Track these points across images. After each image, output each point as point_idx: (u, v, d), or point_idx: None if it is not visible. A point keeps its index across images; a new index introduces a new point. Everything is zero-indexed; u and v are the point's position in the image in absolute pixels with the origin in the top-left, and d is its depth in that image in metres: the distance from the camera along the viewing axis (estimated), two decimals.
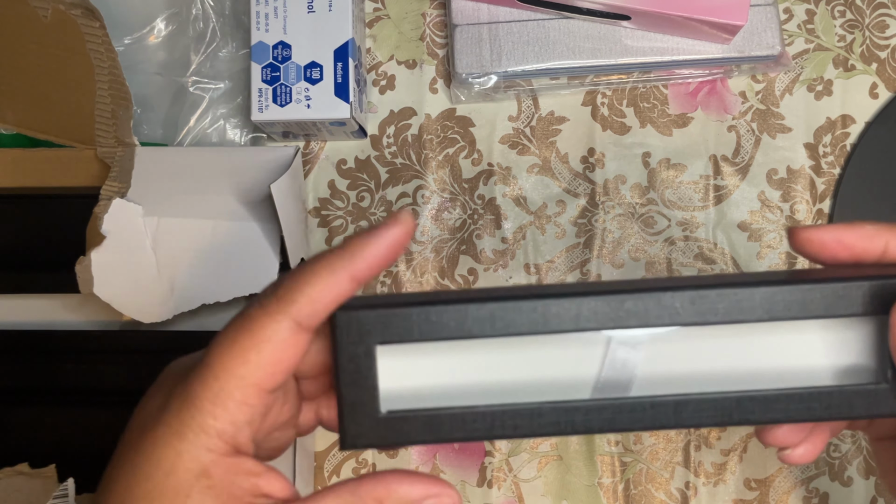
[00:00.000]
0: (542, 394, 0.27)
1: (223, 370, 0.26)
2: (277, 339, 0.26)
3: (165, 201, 0.49)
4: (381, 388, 0.27)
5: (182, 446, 0.26)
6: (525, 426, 0.27)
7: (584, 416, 0.27)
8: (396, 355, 0.27)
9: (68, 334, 0.50)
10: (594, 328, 0.26)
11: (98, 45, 0.47)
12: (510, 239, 0.54)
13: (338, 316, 0.26)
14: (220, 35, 0.56)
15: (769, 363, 0.27)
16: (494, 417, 0.27)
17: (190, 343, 0.49)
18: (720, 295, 0.26)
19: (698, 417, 0.27)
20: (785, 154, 0.54)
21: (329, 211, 0.55)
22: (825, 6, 0.55)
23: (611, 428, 0.27)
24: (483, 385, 0.27)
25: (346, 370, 0.26)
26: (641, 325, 0.26)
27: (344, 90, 0.50)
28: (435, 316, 0.26)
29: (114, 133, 0.49)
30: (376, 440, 0.27)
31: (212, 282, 0.48)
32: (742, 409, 0.27)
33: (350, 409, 0.27)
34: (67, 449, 0.48)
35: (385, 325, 0.26)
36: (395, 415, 0.27)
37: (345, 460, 0.53)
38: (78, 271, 0.45)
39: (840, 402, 0.27)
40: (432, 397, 0.27)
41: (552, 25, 0.53)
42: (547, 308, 0.26)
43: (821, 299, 0.26)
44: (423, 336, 0.26)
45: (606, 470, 0.52)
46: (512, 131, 0.55)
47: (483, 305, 0.26)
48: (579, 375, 0.27)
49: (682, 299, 0.26)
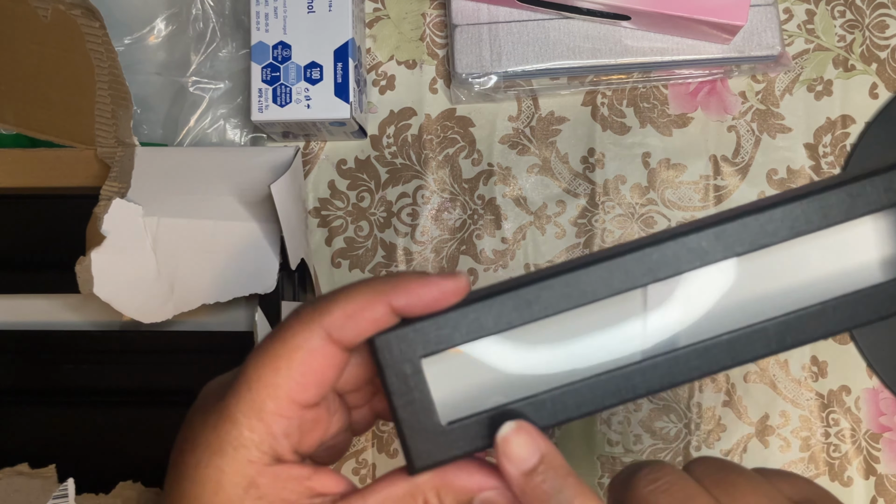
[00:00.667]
0: (595, 368, 0.27)
1: (256, 380, 0.26)
2: (308, 347, 0.26)
3: (165, 201, 0.49)
4: (437, 401, 0.26)
5: (224, 462, 0.26)
6: (587, 403, 0.26)
7: (641, 377, 0.26)
8: (444, 364, 0.27)
9: (68, 334, 0.50)
10: (630, 287, 0.26)
11: (98, 45, 0.47)
12: (510, 239, 0.54)
13: (376, 339, 0.26)
14: (220, 35, 0.56)
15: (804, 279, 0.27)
16: (555, 402, 0.26)
17: (190, 343, 0.49)
18: (743, 225, 0.26)
19: (753, 350, 0.26)
20: (785, 154, 0.54)
21: (329, 211, 0.55)
22: (825, 6, 0.55)
23: (671, 382, 0.26)
24: (535, 372, 0.27)
25: (397, 392, 0.26)
26: (674, 272, 0.26)
27: (344, 90, 0.50)
28: (473, 315, 0.26)
29: (114, 133, 0.49)
30: (443, 454, 0.26)
31: (212, 282, 0.47)
32: (793, 330, 0.26)
33: (410, 430, 0.26)
34: (67, 449, 0.48)
35: (425, 337, 0.26)
36: (456, 424, 0.26)
37: (345, 460, 0.53)
38: (78, 271, 0.45)
39: (885, 300, 0.26)
40: (489, 396, 0.27)
41: (552, 25, 0.53)
42: (578, 279, 0.26)
43: (839, 204, 0.26)
44: (465, 338, 0.26)
45: (606, 470, 0.52)
46: (512, 131, 0.55)
47: (516, 293, 0.26)
48: (627, 340, 0.27)
49: (706, 238, 0.26)
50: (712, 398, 0.52)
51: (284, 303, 0.48)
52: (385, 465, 0.53)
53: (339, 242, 0.55)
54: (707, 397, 0.52)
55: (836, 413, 0.52)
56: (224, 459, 0.26)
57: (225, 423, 0.26)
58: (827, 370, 0.53)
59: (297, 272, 0.50)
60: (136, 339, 0.49)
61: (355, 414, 0.31)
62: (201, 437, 0.26)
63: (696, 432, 0.52)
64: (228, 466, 0.26)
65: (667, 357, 0.26)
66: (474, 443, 0.26)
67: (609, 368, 0.26)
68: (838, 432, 0.52)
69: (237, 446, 0.26)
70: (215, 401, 0.27)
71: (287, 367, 0.26)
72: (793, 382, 0.53)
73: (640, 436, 0.52)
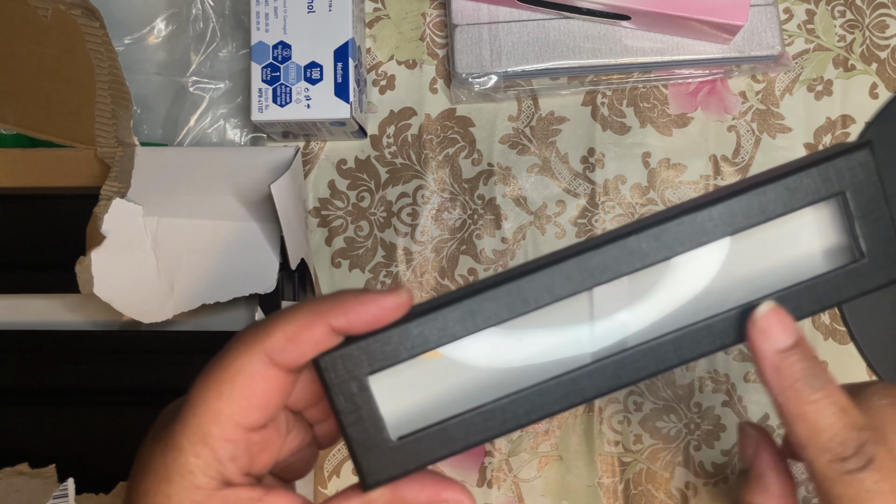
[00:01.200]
0: (545, 373, 0.27)
1: (201, 405, 0.26)
2: (249, 371, 0.26)
3: (165, 201, 0.49)
4: (386, 417, 0.26)
5: (171, 490, 0.26)
6: (536, 409, 0.26)
7: (589, 380, 0.26)
8: (391, 380, 0.27)
9: (68, 334, 0.50)
10: (571, 293, 0.26)
11: (98, 45, 0.47)
12: (510, 239, 0.54)
13: (320, 360, 0.26)
14: (220, 35, 0.56)
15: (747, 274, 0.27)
16: (504, 410, 0.26)
17: (190, 343, 0.49)
18: (681, 224, 0.26)
19: (698, 347, 0.26)
20: (785, 154, 0.54)
21: (329, 211, 0.55)
22: (825, 6, 0.55)
23: (618, 384, 0.26)
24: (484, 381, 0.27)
25: (344, 410, 0.26)
26: (615, 275, 0.26)
27: (344, 90, 0.50)
28: (416, 330, 0.26)
29: (114, 133, 0.49)
30: (396, 470, 0.26)
31: (212, 282, 0.48)
32: (738, 327, 0.26)
33: (361, 448, 0.26)
34: (67, 449, 0.48)
35: (370, 354, 0.26)
36: (407, 439, 0.26)
37: (344, 460, 0.53)
38: (78, 271, 0.45)
39: (828, 290, 0.27)
40: (438, 409, 0.27)
41: (552, 25, 0.53)
42: (520, 288, 0.26)
43: (776, 199, 0.26)
44: (410, 353, 0.26)
45: (606, 470, 0.52)
46: (512, 131, 0.55)
47: (459, 305, 0.26)
48: (574, 345, 0.27)
49: (646, 239, 0.26)
50: (712, 398, 0.52)
51: (284, 303, 0.48)
52: None
53: (339, 242, 0.55)
54: (707, 397, 0.52)
55: None
56: (172, 487, 0.26)
57: (171, 450, 0.26)
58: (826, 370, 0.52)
59: (297, 272, 0.50)
60: (136, 339, 0.49)
61: (318, 429, 0.31)
62: (149, 465, 0.27)
63: (696, 432, 0.52)
64: (176, 494, 0.26)
65: (614, 359, 0.26)
66: (426, 456, 0.26)
67: (557, 373, 0.26)
68: None
69: (184, 473, 0.26)
70: (163, 429, 0.27)
71: (230, 392, 0.26)
72: None
73: (641, 436, 0.52)
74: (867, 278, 0.27)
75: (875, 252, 0.26)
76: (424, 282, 0.54)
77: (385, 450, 0.26)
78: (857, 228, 0.26)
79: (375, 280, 0.54)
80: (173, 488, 0.26)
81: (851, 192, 0.26)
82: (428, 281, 0.54)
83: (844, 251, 0.27)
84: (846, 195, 0.26)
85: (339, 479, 0.53)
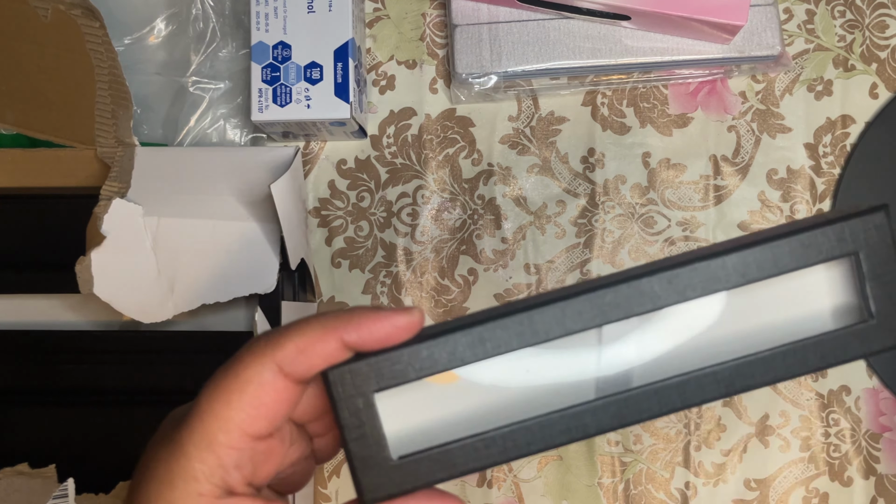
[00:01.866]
0: (547, 405, 0.27)
1: (208, 412, 0.26)
2: (259, 380, 0.26)
3: (165, 201, 0.49)
4: (388, 435, 0.27)
5: (174, 496, 0.26)
6: (538, 441, 0.27)
7: (592, 417, 0.27)
8: (397, 399, 0.27)
9: (68, 334, 0.50)
10: (582, 328, 0.26)
11: (98, 45, 0.47)
12: (510, 239, 0.54)
13: (329, 373, 0.26)
14: (220, 35, 0.56)
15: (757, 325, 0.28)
16: (506, 439, 0.27)
17: (190, 343, 0.49)
18: (694, 270, 0.26)
19: (702, 394, 0.27)
20: (785, 154, 0.54)
21: (329, 211, 0.55)
22: (825, 6, 0.55)
23: (620, 423, 0.27)
24: (488, 408, 0.27)
25: (349, 425, 0.26)
26: (625, 315, 0.26)
27: (344, 90, 0.50)
28: (426, 351, 0.26)
29: (114, 133, 0.49)
30: (394, 488, 0.27)
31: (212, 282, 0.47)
32: (742, 375, 0.27)
33: (362, 464, 0.26)
34: (67, 449, 0.48)
35: (378, 372, 0.26)
36: (407, 459, 0.27)
37: (345, 460, 0.53)
38: (78, 271, 0.45)
39: (834, 348, 0.27)
40: (441, 432, 0.27)
41: (552, 25, 0.53)
42: (532, 319, 0.26)
43: (790, 254, 0.26)
44: (419, 374, 0.26)
45: (606, 470, 0.52)
46: (512, 131, 0.55)
47: (470, 330, 0.26)
48: (579, 379, 0.27)
49: (658, 282, 0.26)
50: None
51: (284, 303, 0.48)
52: None
53: (339, 242, 0.55)
54: None
55: (836, 413, 0.52)
56: (174, 493, 0.26)
57: (176, 455, 0.26)
58: (827, 370, 0.53)
59: (297, 272, 0.50)
60: (136, 339, 0.49)
61: (318, 442, 0.31)
62: (154, 470, 0.27)
63: (696, 432, 0.52)
64: (178, 500, 0.26)
65: (618, 397, 0.27)
66: (425, 477, 0.27)
67: (561, 407, 0.27)
68: (838, 432, 0.52)
69: (187, 479, 0.26)
70: (170, 432, 0.27)
71: (238, 400, 0.26)
72: (793, 382, 0.53)
73: (641, 435, 0.52)
74: (875, 339, 0.27)
75: (884, 313, 0.27)
76: (424, 282, 0.54)
77: (385, 468, 0.26)
78: (868, 289, 0.27)
79: (375, 280, 0.54)
80: (176, 494, 0.26)
81: (865, 254, 0.26)
82: (428, 281, 0.54)
83: (854, 311, 0.27)
84: (859, 256, 0.27)
85: (338, 479, 0.53)
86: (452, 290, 0.54)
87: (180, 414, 0.28)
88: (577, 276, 0.54)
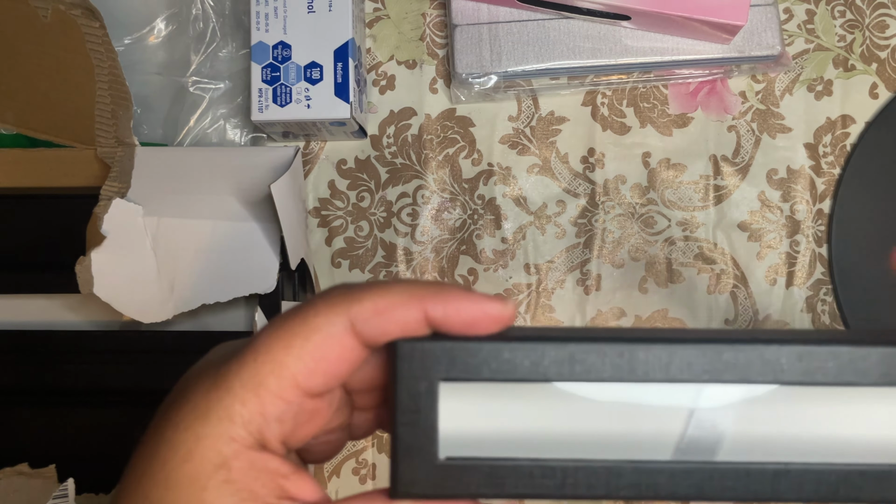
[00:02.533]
0: (617, 451, 0.24)
1: (265, 352, 0.24)
2: (328, 332, 0.24)
3: (165, 201, 0.49)
4: (442, 431, 0.24)
5: (203, 430, 0.23)
6: (601, 486, 0.24)
7: (668, 479, 0.24)
8: (461, 395, 0.24)
9: (68, 334, 0.50)
10: (687, 380, 0.23)
11: (98, 45, 0.47)
12: (510, 239, 0.54)
13: (400, 345, 0.24)
14: (220, 35, 0.56)
15: (883, 434, 0.24)
16: (566, 474, 0.24)
17: (190, 343, 0.49)
18: (831, 353, 0.23)
19: (799, 490, 0.24)
20: (785, 154, 0.54)
21: (329, 211, 0.55)
22: (825, 6, 0.55)
23: (698, 495, 0.24)
24: (555, 436, 0.25)
25: (404, 408, 0.24)
26: (741, 380, 0.23)
27: (344, 90, 0.50)
28: (508, 353, 0.24)
29: (114, 133, 0.49)
30: (431, 489, 0.24)
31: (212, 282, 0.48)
32: (850, 484, 0.24)
33: (405, 453, 0.24)
34: (67, 449, 0.48)
35: (451, 359, 0.24)
36: (454, 462, 0.24)
37: (344, 460, 0.53)
38: (78, 271, 0.45)
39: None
40: (497, 446, 0.24)
41: (552, 25, 0.53)
42: (634, 354, 0.23)
43: None
44: (493, 375, 0.24)
45: None
46: (512, 131, 0.55)
47: (563, 346, 0.24)
48: (661, 433, 0.24)
49: (787, 354, 0.23)
50: None
51: (284, 303, 0.48)
52: (385, 466, 0.53)
53: (339, 242, 0.55)
54: None
55: None
56: (205, 428, 0.23)
57: (219, 388, 0.24)
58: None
59: (297, 272, 0.50)
60: (136, 339, 0.49)
61: (357, 417, 0.29)
62: (190, 398, 0.24)
63: None
64: (207, 437, 0.23)
65: (701, 466, 0.24)
66: (467, 487, 0.24)
67: (635, 458, 0.24)
68: None
69: (223, 417, 0.23)
70: (217, 364, 0.25)
71: (300, 348, 0.24)
72: None
73: None
74: None
75: None
76: None
77: (429, 465, 0.24)
78: None
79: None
80: (207, 429, 0.23)
81: None
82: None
83: None
84: None
85: (338, 479, 0.53)
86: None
87: (230, 349, 0.26)
88: (578, 276, 0.54)
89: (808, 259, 0.53)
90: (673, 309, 0.54)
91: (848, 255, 0.53)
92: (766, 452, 0.24)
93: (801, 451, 0.24)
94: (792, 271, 0.53)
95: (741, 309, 0.53)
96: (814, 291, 0.53)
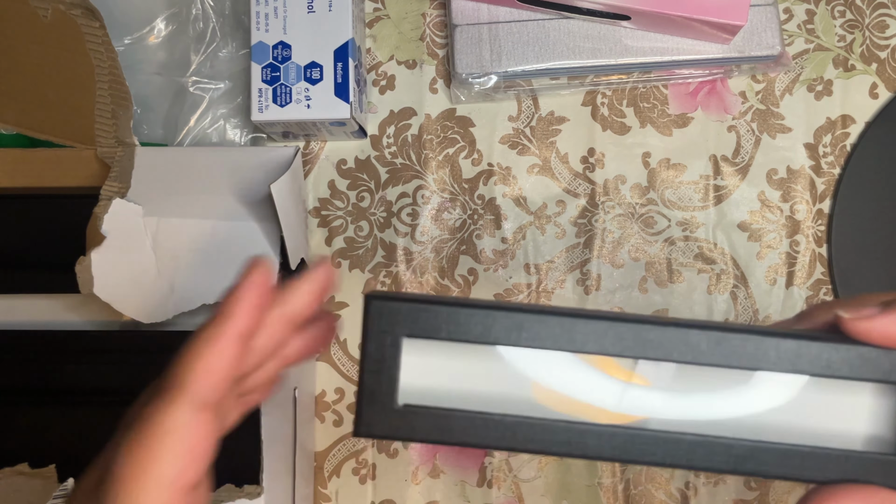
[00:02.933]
0: (559, 413, 0.27)
1: (131, 477, 0.25)
2: (177, 429, 0.25)
3: (165, 201, 0.49)
4: (402, 381, 0.27)
5: None
6: (536, 441, 0.27)
7: (596, 440, 0.27)
8: (421, 351, 0.27)
9: (68, 334, 0.50)
10: (616, 354, 0.26)
11: (98, 45, 0.47)
12: (510, 239, 0.54)
13: (371, 302, 0.27)
14: (220, 35, 0.56)
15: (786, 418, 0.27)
16: (507, 428, 0.27)
17: None
18: (745, 340, 0.26)
19: (710, 460, 0.27)
20: (785, 154, 0.54)
21: (329, 211, 0.55)
22: (825, 6, 0.55)
23: (620, 457, 0.27)
24: (501, 395, 0.28)
25: (370, 357, 0.27)
26: (663, 357, 0.26)
27: (344, 90, 0.50)
28: (464, 317, 0.26)
29: (114, 133, 0.49)
30: (388, 431, 0.27)
31: (212, 282, 0.47)
32: (755, 458, 0.26)
33: (369, 397, 0.27)
34: (67, 449, 0.48)
35: (414, 318, 0.27)
36: (410, 409, 0.27)
37: (344, 460, 0.53)
38: (78, 271, 0.45)
39: (856, 468, 0.26)
40: (449, 398, 0.27)
41: (552, 25, 0.53)
42: (574, 326, 0.26)
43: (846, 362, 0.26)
44: (449, 335, 0.27)
45: (606, 470, 0.52)
46: (512, 131, 0.55)
47: (512, 314, 0.26)
48: (598, 400, 0.27)
49: (707, 340, 0.26)
50: None
51: None
52: (385, 466, 0.53)
53: (339, 242, 0.55)
54: None
55: None
56: None
57: None
58: None
59: (297, 272, 0.50)
60: (136, 339, 0.49)
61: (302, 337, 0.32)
62: None
63: None
64: None
65: (629, 432, 0.27)
66: (420, 433, 0.27)
67: (570, 420, 0.27)
68: None
69: None
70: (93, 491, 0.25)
71: (167, 454, 0.25)
72: None
73: None
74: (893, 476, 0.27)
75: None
76: (424, 282, 0.54)
77: (387, 409, 0.27)
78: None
79: (375, 280, 0.54)
80: None
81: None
82: (428, 281, 0.54)
83: (884, 442, 0.27)
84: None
85: (338, 479, 0.53)
86: (452, 290, 0.54)
87: (92, 482, 0.26)
88: (578, 276, 0.54)
89: (808, 259, 0.53)
90: (673, 309, 0.54)
91: (848, 255, 0.53)
92: (688, 424, 0.27)
93: (716, 426, 0.27)
94: (792, 271, 0.53)
95: (741, 309, 0.53)
96: (814, 291, 0.53)
